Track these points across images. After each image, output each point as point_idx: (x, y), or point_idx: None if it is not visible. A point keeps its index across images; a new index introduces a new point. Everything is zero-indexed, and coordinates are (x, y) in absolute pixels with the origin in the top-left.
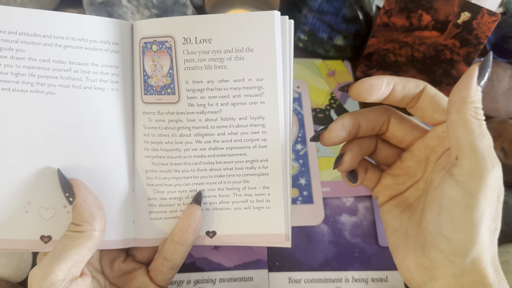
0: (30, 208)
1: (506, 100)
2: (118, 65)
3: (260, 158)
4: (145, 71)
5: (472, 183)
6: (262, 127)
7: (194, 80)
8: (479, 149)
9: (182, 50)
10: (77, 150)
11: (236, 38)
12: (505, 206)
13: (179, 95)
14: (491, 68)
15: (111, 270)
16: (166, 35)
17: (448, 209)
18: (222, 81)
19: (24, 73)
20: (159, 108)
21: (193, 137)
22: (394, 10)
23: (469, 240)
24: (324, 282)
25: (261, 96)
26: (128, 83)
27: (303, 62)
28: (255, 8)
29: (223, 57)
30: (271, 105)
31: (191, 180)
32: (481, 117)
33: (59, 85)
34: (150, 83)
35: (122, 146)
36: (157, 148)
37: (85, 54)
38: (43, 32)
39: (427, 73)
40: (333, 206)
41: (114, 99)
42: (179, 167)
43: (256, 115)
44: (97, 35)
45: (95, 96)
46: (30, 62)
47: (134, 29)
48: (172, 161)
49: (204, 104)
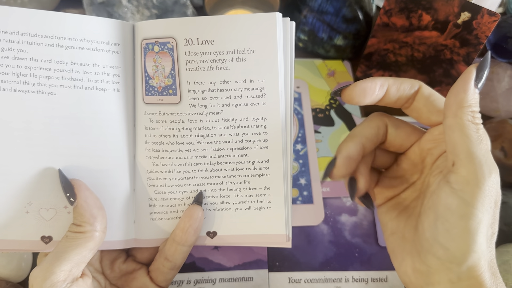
0: (31, 209)
1: (506, 100)
2: (120, 66)
3: (261, 159)
4: (146, 72)
5: (469, 191)
6: (263, 128)
7: (195, 81)
8: (476, 156)
9: (184, 51)
10: (78, 151)
11: (238, 40)
12: (505, 206)
13: (181, 96)
14: (489, 69)
15: (111, 270)
16: (168, 36)
17: (445, 217)
18: (224, 82)
19: (26, 74)
20: (160, 108)
21: (194, 137)
22: (394, 10)
23: (465, 249)
24: (324, 282)
25: (262, 97)
26: (130, 84)
27: (303, 62)
28: (255, 8)
29: (225, 58)
30: (272, 106)
31: (192, 180)
32: (479, 121)
33: (60, 85)
34: (152, 84)
35: (124, 146)
36: (158, 149)
37: (87, 55)
38: (44, 33)
39: (427, 73)
40: (333, 206)
41: (116, 99)
42: (180, 167)
43: (257, 116)
44: (99, 35)
45: (96, 97)
46: (32, 62)
47: (135, 29)
48: (173, 162)
49: (205, 105)
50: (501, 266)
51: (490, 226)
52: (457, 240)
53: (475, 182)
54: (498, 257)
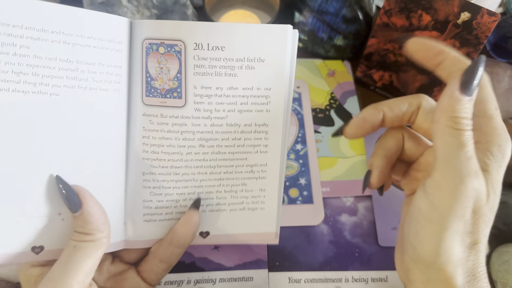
0: (22, 219)
1: (506, 100)
2: (121, 65)
3: (260, 163)
4: (148, 73)
5: (438, 197)
6: (265, 134)
7: (202, 85)
8: (450, 161)
9: (192, 55)
10: (73, 153)
11: (249, 48)
12: (505, 206)
13: (186, 99)
14: (481, 73)
15: (99, 273)
16: (176, 39)
17: (416, 218)
18: (231, 88)
19: (27, 72)
20: (162, 111)
21: (196, 141)
22: (394, 10)
23: (431, 253)
24: (324, 282)
25: (267, 105)
26: (128, 84)
27: (303, 62)
28: (255, 8)
29: (234, 65)
30: (275, 113)
31: (190, 183)
32: (463, 126)
33: (64, 85)
34: (154, 85)
35: (120, 148)
36: (157, 151)
37: (93, 53)
38: (51, 28)
39: (427, 73)
40: (333, 206)
41: (116, 100)
42: (179, 170)
43: (260, 122)
44: (105, 33)
45: (98, 97)
46: (35, 60)
47: (133, 27)
48: (172, 164)
49: (211, 110)
50: (501, 266)
51: (468, 234)
52: (423, 242)
53: (446, 188)
54: (498, 257)
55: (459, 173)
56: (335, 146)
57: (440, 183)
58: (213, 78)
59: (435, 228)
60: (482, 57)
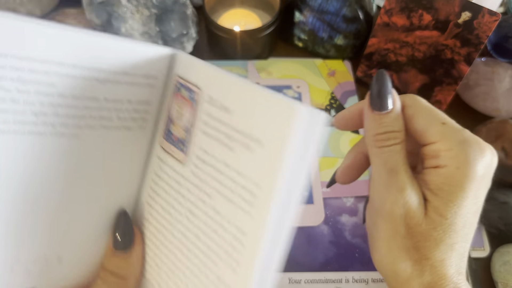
0: (18, 267)
1: (506, 100)
2: (152, 102)
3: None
4: (169, 114)
5: (373, 216)
6: (240, 245)
7: (205, 150)
8: (377, 181)
9: (205, 110)
10: (82, 196)
11: (252, 119)
12: (505, 206)
13: (188, 157)
14: (385, 85)
15: None
16: (195, 84)
17: (369, 233)
18: (226, 165)
19: (48, 113)
20: (168, 159)
21: (184, 209)
22: (395, 9)
23: (384, 265)
24: (324, 283)
25: (250, 206)
26: (154, 121)
27: (303, 62)
28: (255, 8)
29: (235, 138)
30: (257, 222)
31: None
32: (383, 143)
33: (86, 125)
34: (171, 129)
35: (132, 189)
36: (156, 200)
37: (123, 90)
38: (82, 63)
39: (428, 73)
40: (333, 207)
41: (139, 138)
42: (166, 232)
43: (237, 224)
44: (142, 68)
45: (119, 136)
46: (59, 99)
47: (173, 61)
48: (161, 223)
49: (201, 181)
50: (502, 266)
51: (412, 249)
52: (376, 254)
53: (378, 207)
54: (498, 257)
55: (383, 192)
56: (335, 146)
57: (374, 203)
58: (214, 145)
59: (379, 244)
60: (381, 71)
